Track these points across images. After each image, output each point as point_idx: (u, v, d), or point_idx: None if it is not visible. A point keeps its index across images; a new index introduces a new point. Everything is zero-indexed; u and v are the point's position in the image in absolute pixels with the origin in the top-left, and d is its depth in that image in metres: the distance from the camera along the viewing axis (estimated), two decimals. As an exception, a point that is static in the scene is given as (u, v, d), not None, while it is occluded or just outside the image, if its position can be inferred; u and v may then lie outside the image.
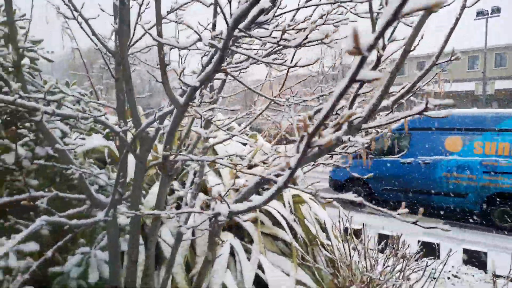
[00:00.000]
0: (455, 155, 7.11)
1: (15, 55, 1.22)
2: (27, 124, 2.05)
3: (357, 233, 4.29)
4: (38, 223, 1.25)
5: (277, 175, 1.26)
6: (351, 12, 1.39)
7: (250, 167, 1.92)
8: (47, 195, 1.60)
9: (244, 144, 3.86)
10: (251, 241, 2.99)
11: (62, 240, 1.46)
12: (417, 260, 2.85)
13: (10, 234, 1.61)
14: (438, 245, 4.85)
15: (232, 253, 2.76)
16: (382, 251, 3.34)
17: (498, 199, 6.72)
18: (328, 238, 3.40)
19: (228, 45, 0.95)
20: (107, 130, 3.02)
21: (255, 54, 1.46)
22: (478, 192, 6.87)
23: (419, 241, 4.69)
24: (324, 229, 3.47)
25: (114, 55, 1.67)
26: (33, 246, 1.59)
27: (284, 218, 3.12)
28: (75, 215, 1.64)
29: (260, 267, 2.73)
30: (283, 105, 1.76)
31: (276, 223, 3.17)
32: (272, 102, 1.81)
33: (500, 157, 6.64)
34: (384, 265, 2.88)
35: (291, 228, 3.13)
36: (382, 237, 4.56)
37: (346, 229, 3.44)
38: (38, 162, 1.39)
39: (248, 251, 2.89)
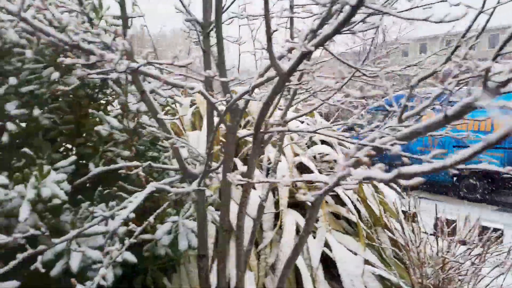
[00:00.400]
0: None
1: (125, 24, 1.24)
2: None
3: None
4: (148, 189, 1.29)
5: (393, 144, 1.20)
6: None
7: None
8: (141, 164, 1.66)
9: (302, 122, 3.80)
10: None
11: (161, 208, 1.50)
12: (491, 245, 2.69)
13: (108, 202, 1.69)
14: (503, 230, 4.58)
15: (298, 230, 2.75)
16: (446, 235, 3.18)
17: (466, 172, 7.25)
18: (389, 219, 3.30)
19: (363, 0, 0.89)
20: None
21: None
22: None
23: (483, 227, 4.44)
24: (387, 210, 3.37)
25: (203, 27, 1.66)
26: (130, 214, 1.66)
27: (348, 197, 3.06)
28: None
29: (326, 245, 2.72)
30: (373, 77, 1.68)
31: (338, 201, 3.12)
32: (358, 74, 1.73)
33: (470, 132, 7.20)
34: (452, 248, 2.75)
35: (354, 208, 3.06)
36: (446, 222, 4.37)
37: (405, 212, 3.31)
38: (153, 131, 1.42)
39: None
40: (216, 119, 1.59)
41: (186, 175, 1.62)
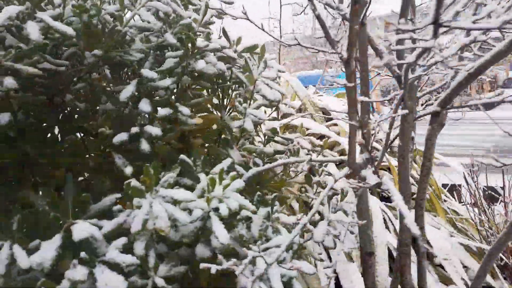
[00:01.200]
0: None
1: None
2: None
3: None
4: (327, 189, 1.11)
5: None
6: None
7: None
8: (303, 160, 1.44)
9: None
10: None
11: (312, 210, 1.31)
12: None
13: (272, 207, 1.44)
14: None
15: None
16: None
17: None
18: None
19: None
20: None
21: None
22: None
23: None
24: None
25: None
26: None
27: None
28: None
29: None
30: None
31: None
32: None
33: None
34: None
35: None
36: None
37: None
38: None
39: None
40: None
41: (352, 166, 1.43)
